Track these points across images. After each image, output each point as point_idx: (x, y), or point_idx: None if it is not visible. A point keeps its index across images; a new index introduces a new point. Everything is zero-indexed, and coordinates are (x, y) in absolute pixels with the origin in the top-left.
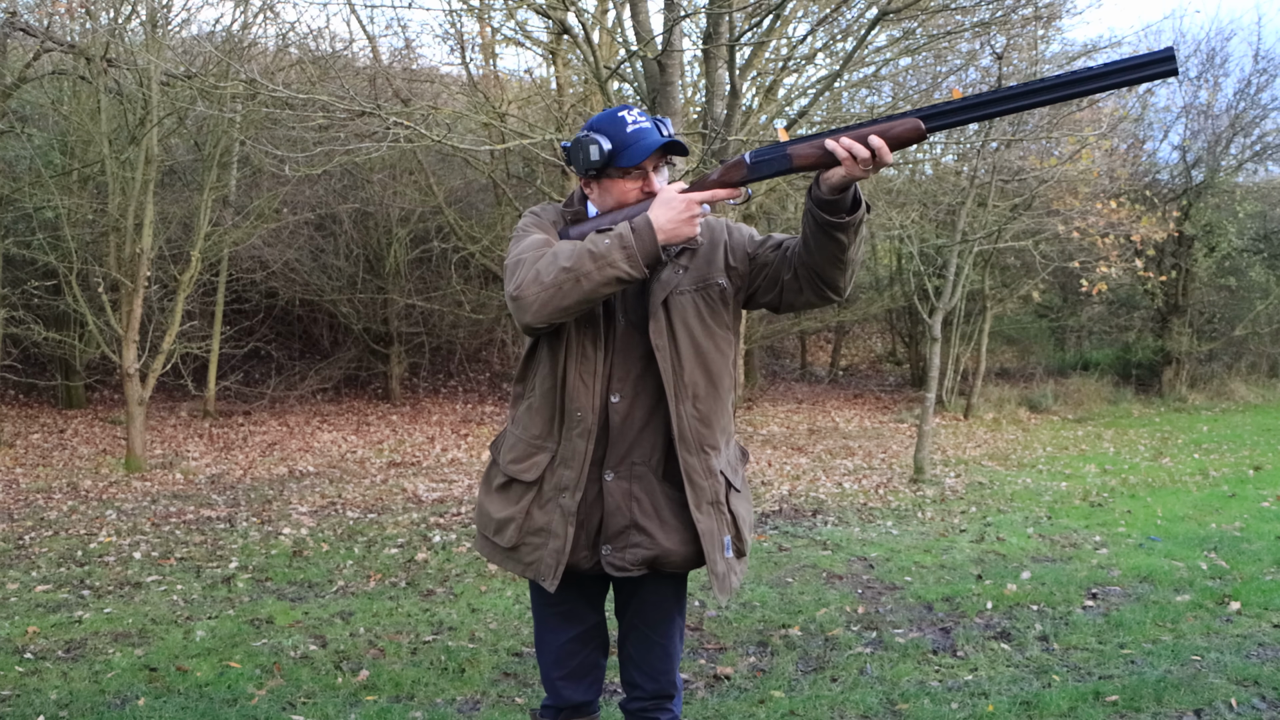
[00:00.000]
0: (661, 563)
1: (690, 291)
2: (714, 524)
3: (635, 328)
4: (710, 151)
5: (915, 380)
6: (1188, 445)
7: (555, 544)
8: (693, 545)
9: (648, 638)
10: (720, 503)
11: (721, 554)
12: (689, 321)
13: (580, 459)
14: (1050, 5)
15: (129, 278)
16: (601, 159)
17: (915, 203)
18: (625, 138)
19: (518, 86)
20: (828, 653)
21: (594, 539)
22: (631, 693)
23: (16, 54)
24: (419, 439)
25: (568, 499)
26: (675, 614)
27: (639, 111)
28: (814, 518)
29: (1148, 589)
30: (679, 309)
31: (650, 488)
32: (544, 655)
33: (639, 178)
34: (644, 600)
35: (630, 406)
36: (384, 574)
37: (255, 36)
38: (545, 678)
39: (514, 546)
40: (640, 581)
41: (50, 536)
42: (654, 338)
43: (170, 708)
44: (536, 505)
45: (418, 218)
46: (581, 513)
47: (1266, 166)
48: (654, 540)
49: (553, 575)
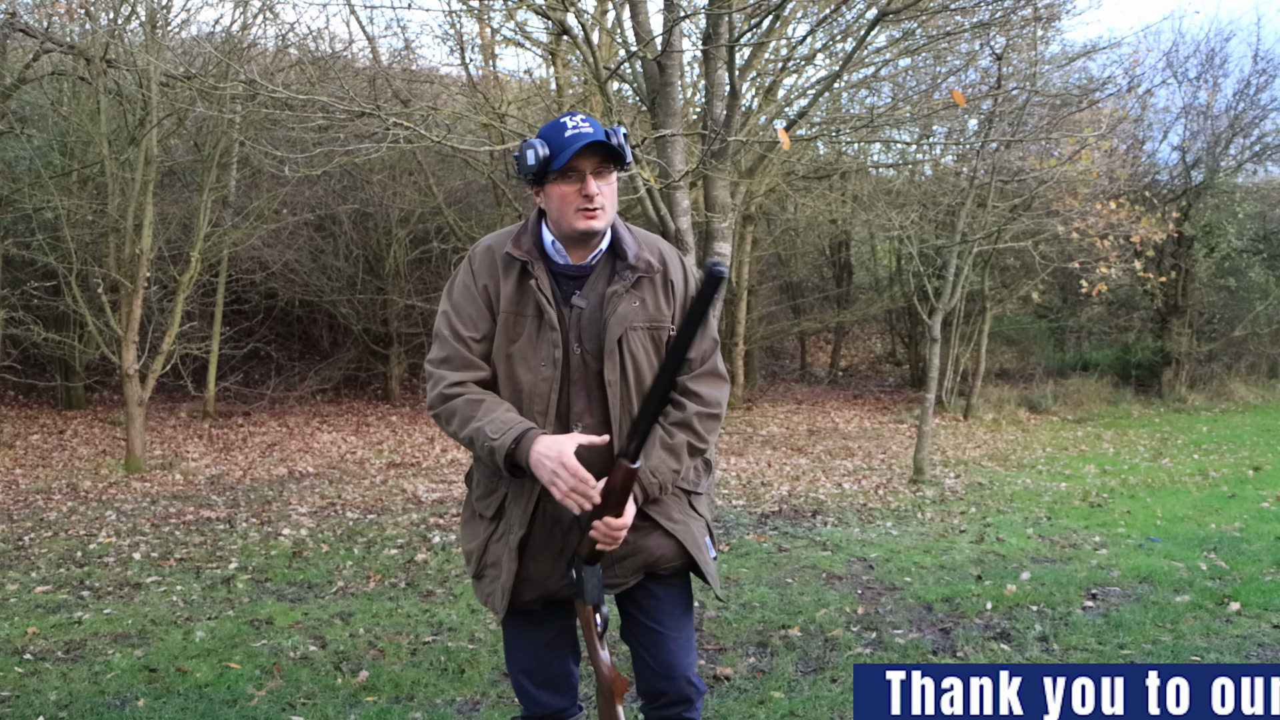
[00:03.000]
0: (653, 565)
1: (643, 328)
2: (690, 529)
3: (593, 357)
4: (710, 152)
5: (915, 381)
6: (1187, 446)
7: (505, 578)
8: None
9: (659, 635)
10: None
11: (706, 554)
12: (638, 357)
13: (526, 497)
14: (1050, 6)
15: (128, 278)
16: (536, 164)
17: (915, 203)
18: (561, 141)
19: (517, 87)
20: (827, 653)
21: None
22: (655, 702)
23: (16, 55)
24: (419, 439)
25: (513, 536)
26: (685, 608)
27: (584, 118)
28: (814, 518)
29: (1147, 589)
30: (630, 345)
31: None
32: (515, 664)
33: (576, 181)
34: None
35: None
36: (384, 575)
37: (255, 37)
38: (519, 687)
39: (477, 576)
40: (641, 587)
41: (50, 537)
42: (608, 374)
43: (170, 709)
44: (492, 540)
45: (417, 218)
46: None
47: (1266, 167)
48: (634, 546)
49: (501, 607)
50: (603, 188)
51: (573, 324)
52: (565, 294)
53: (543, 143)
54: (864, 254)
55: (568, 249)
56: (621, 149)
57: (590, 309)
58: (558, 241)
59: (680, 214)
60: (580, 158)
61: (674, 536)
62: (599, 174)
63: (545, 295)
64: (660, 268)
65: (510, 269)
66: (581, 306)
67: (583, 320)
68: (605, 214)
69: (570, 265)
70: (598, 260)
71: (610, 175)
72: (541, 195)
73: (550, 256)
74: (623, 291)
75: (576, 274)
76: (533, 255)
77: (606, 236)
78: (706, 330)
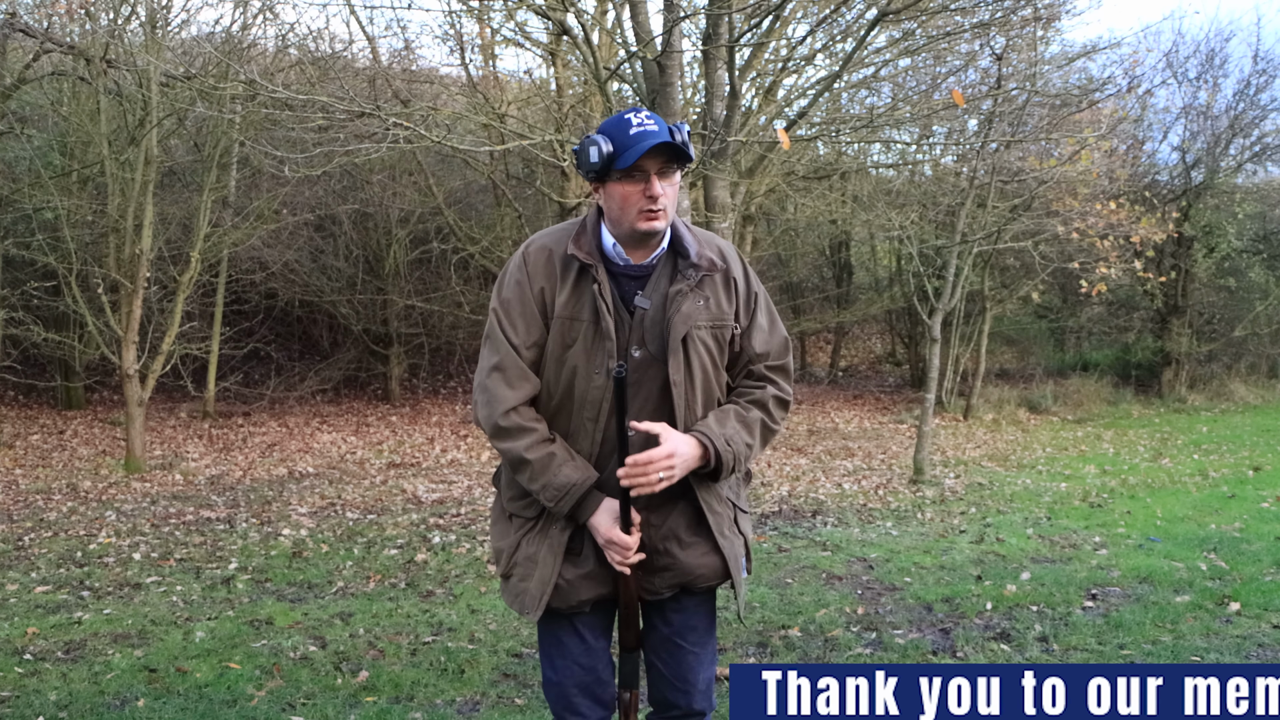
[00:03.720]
0: (691, 581)
1: (706, 328)
2: (734, 546)
3: (655, 359)
4: (710, 152)
5: (915, 381)
6: (1187, 446)
7: (541, 573)
8: (712, 556)
9: (681, 649)
10: (734, 525)
11: (741, 574)
12: (703, 358)
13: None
14: (1050, 6)
15: (128, 279)
16: (600, 161)
17: (915, 203)
18: (626, 140)
19: (517, 87)
20: (827, 653)
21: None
22: (665, 712)
23: (16, 55)
24: (418, 440)
25: (556, 533)
26: (709, 626)
27: (648, 114)
28: (814, 518)
29: (1147, 590)
30: (695, 345)
31: (665, 512)
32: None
33: (640, 181)
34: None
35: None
36: (383, 575)
37: (255, 37)
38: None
39: (505, 575)
40: (672, 600)
41: (50, 537)
42: (673, 373)
43: (170, 709)
44: (527, 536)
45: (417, 219)
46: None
47: (1266, 167)
48: (677, 561)
49: (536, 606)
50: (666, 189)
51: (635, 326)
52: (627, 295)
53: (606, 139)
54: (864, 254)
55: (627, 250)
56: (686, 147)
57: (654, 310)
58: (618, 244)
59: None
60: (646, 157)
61: (719, 553)
62: (663, 174)
63: (606, 301)
64: (723, 265)
65: (569, 270)
66: (645, 308)
67: (645, 322)
68: (667, 215)
69: (631, 266)
70: (658, 260)
71: (674, 175)
72: (601, 193)
73: (610, 259)
74: (687, 291)
75: (638, 274)
76: (594, 258)
77: (666, 236)
78: (776, 328)
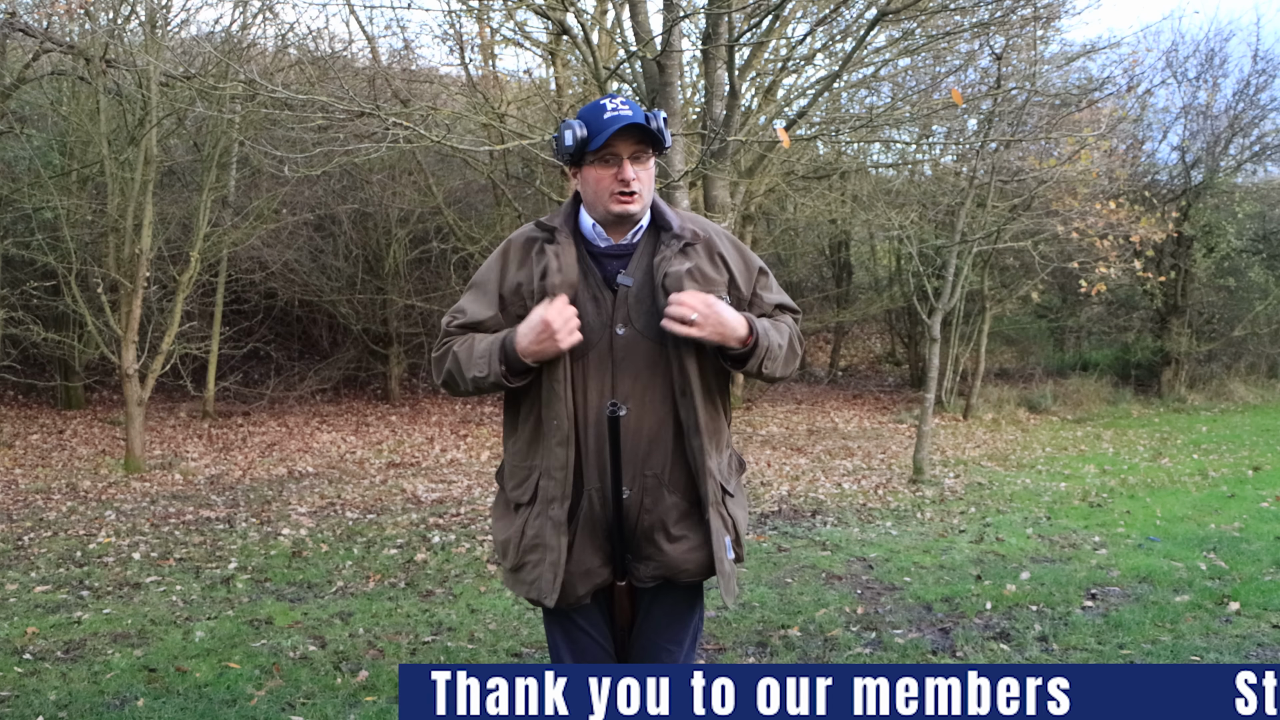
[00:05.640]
0: (674, 575)
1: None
2: (720, 525)
3: (644, 336)
4: (709, 152)
5: (914, 381)
6: (1187, 446)
7: (551, 557)
8: (699, 552)
9: (656, 644)
10: (719, 504)
11: (725, 555)
12: None
13: (562, 468)
14: (1049, 6)
15: (128, 278)
16: (574, 144)
17: (914, 203)
18: (600, 123)
19: (517, 87)
20: (827, 653)
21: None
22: None
23: (16, 55)
24: (418, 439)
25: (556, 509)
26: (689, 622)
27: (625, 100)
28: (813, 518)
29: (1147, 589)
30: None
31: (658, 499)
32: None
33: (613, 165)
34: (658, 607)
35: (639, 418)
36: (383, 575)
37: (254, 37)
38: None
39: (516, 567)
40: (654, 592)
41: (49, 537)
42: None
43: (169, 708)
44: (529, 520)
45: (417, 218)
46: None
47: (1265, 167)
48: (662, 553)
49: (552, 590)
50: (639, 173)
51: (620, 303)
52: (610, 274)
53: (581, 124)
54: (864, 254)
55: (606, 230)
56: (660, 133)
57: (638, 286)
58: (597, 225)
59: None
60: (618, 140)
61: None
62: (636, 158)
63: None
64: (705, 235)
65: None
66: (628, 285)
67: (630, 299)
68: (641, 199)
69: (612, 245)
70: (639, 237)
71: (648, 160)
72: (578, 177)
73: (590, 239)
74: (671, 256)
75: (619, 254)
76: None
77: (646, 214)
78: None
